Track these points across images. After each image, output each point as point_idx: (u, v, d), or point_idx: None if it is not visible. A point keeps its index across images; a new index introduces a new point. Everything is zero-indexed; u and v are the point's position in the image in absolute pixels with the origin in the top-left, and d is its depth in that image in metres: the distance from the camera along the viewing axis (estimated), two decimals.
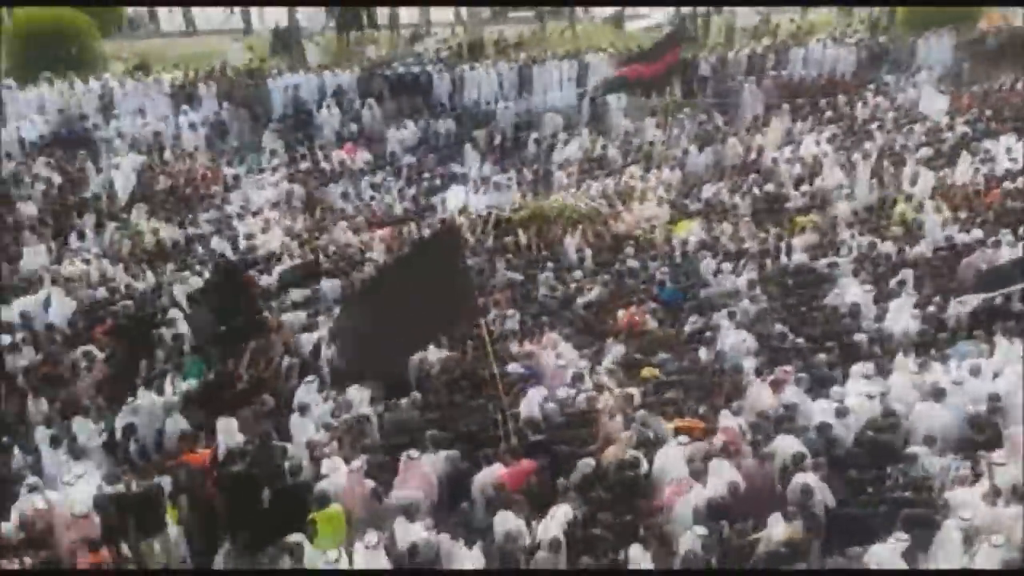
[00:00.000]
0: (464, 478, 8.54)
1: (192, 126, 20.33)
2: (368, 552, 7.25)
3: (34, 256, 13.95)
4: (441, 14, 29.84)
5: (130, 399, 9.87)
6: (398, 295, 9.29)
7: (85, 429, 9.48)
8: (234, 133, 20.99)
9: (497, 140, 20.79)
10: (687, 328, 11.87)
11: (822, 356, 10.57)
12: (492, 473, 8.35)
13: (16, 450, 9.18)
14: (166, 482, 8.31)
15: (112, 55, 25.96)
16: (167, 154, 18.74)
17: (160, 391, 10.13)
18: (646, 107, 21.72)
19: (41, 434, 9.36)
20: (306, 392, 9.91)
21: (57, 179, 17.46)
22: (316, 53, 25.65)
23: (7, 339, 11.14)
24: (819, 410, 9.19)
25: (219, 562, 7.60)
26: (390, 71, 23.92)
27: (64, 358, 10.89)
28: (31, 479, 8.37)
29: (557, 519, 7.63)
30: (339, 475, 8.35)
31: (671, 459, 8.38)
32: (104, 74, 22.90)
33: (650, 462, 8.44)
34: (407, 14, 29.16)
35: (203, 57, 24.94)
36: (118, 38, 28.02)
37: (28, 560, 7.56)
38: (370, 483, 8.19)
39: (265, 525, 7.58)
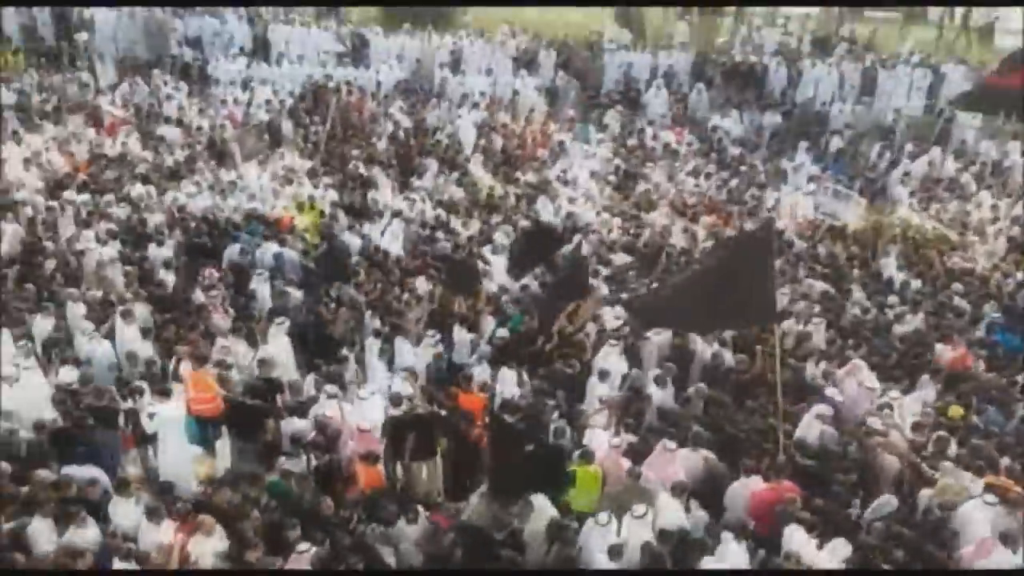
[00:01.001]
0: (715, 482, 8.29)
1: (530, 90, 21.27)
2: (635, 522, 7.35)
3: (383, 190, 15.27)
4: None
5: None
6: (702, 281, 9.25)
7: (405, 351, 10.29)
8: (566, 102, 21.64)
9: (832, 143, 19.69)
10: (1020, 379, 10.55)
11: None
12: (749, 485, 8.04)
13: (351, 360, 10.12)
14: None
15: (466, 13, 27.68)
16: (503, 115, 19.67)
17: (474, 331, 10.76)
18: (1007, 131, 19.50)
19: (370, 344, 10.32)
20: (606, 358, 10.02)
21: (407, 123, 19.00)
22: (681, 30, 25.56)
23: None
24: None
25: (473, 502, 7.95)
26: (726, 57, 23.55)
27: (394, 286, 11.88)
28: (330, 387, 9.10)
29: (838, 552, 7.23)
30: (600, 447, 8.41)
31: (975, 516, 7.59)
32: (459, 31, 24.53)
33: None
34: None
35: (547, 24, 25.93)
36: None
37: (312, 459, 8.33)
38: (627, 461, 8.19)
39: (523, 477, 7.79)
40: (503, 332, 10.53)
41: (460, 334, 10.55)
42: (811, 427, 9.04)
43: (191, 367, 9.25)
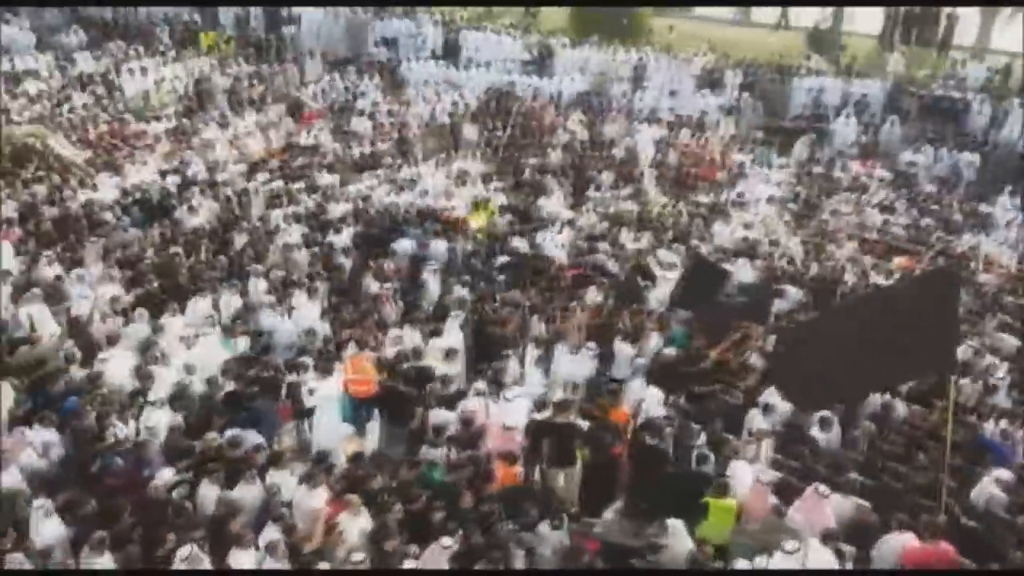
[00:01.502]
0: (863, 532, 7.75)
1: (712, 109, 20.88)
2: (786, 557, 6.97)
3: (553, 198, 15.38)
4: (1003, 40, 26.76)
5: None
6: (876, 325, 8.54)
7: (564, 359, 10.22)
8: (747, 123, 21.08)
9: None
10: None
11: None
12: (902, 540, 7.47)
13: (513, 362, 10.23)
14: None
15: (657, 28, 27.55)
16: (684, 132, 19.39)
17: (634, 343, 10.61)
18: None
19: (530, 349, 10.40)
20: (774, 392, 9.63)
21: (584, 135, 19.07)
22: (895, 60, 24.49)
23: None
24: None
25: (607, 518, 7.79)
26: (925, 91, 22.24)
27: (560, 293, 11.89)
28: (479, 384, 9.24)
29: None
30: (743, 480, 8.09)
31: None
32: (644, 46, 24.43)
33: None
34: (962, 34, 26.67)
35: (732, 45, 25.41)
36: (667, 14, 29.56)
37: (453, 452, 8.40)
38: (774, 499, 7.82)
39: (660, 499, 7.61)
40: (668, 350, 10.33)
41: (621, 348, 10.45)
42: (985, 491, 8.36)
43: (354, 350, 9.66)
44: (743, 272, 12.58)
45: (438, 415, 8.96)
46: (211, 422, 8.56)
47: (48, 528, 7.18)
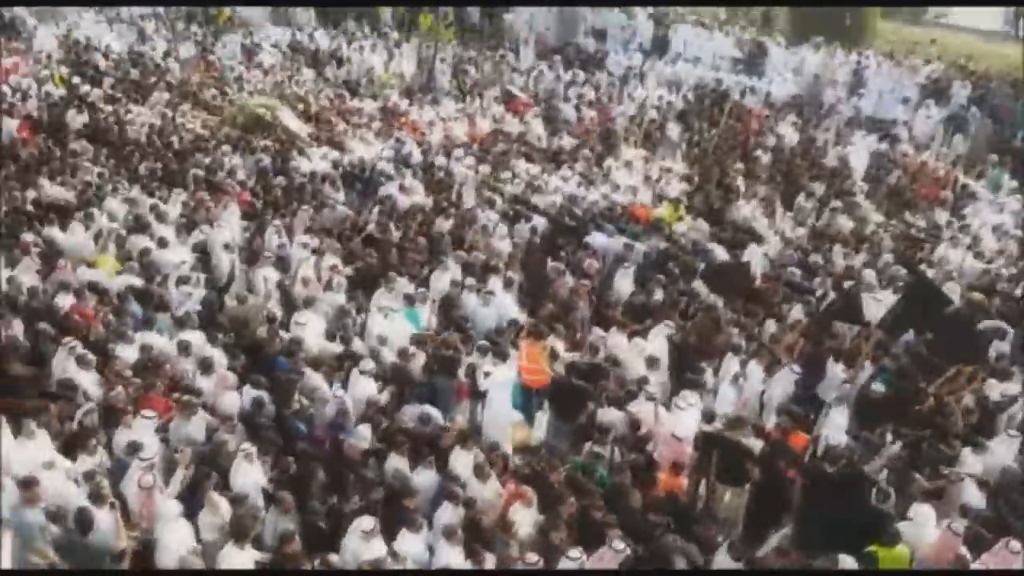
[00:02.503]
0: None
1: (936, 122, 19.49)
2: None
3: (758, 206, 14.84)
4: None
5: None
6: None
7: (756, 377, 9.87)
8: (976, 140, 19.49)
9: None
10: None
11: None
12: None
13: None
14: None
15: (884, 34, 26.02)
16: (905, 145, 18.21)
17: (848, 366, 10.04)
18: None
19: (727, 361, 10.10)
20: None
21: (794, 140, 18.32)
22: None
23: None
24: None
25: (771, 543, 7.47)
26: None
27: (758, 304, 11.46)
28: (649, 388, 9.11)
29: None
30: (927, 524, 7.57)
31: None
32: (865, 51, 23.11)
33: None
34: None
35: (962, 54, 23.62)
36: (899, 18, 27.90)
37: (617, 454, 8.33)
38: (964, 550, 7.26)
39: (831, 532, 7.10)
40: (877, 386, 9.77)
41: (833, 370, 9.97)
42: None
43: (530, 340, 9.72)
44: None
45: (607, 414, 8.92)
46: (403, 395, 8.96)
47: (249, 474, 7.60)
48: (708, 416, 8.79)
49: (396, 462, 7.96)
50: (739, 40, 23.17)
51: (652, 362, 9.73)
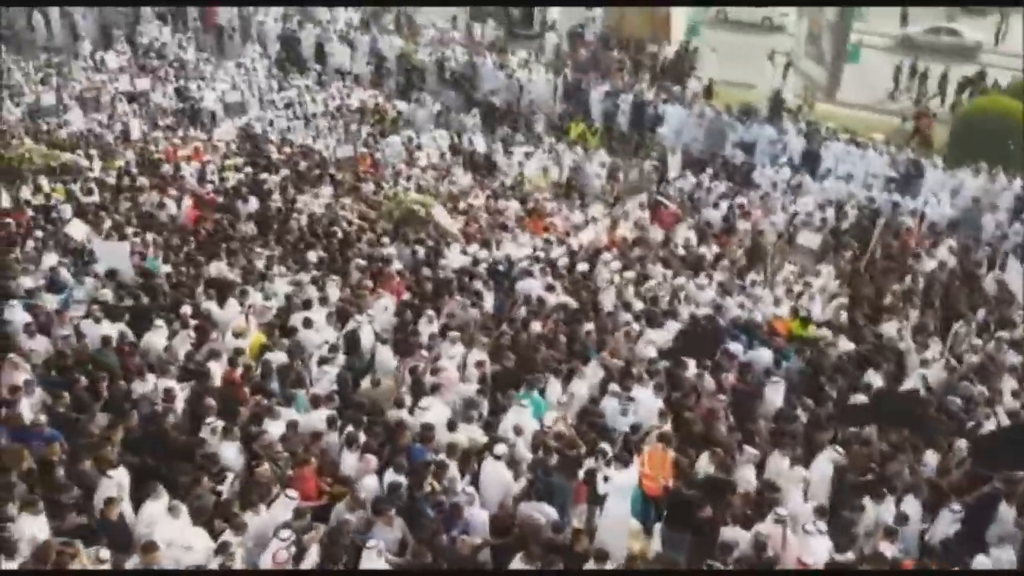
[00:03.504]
0: None
1: None
2: None
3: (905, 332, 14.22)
4: None
5: None
6: None
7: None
8: None
9: None
10: None
11: None
12: None
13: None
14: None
15: None
16: None
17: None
18: None
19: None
20: None
21: (951, 264, 17.62)
22: None
23: None
24: None
25: None
26: None
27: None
28: (780, 510, 8.80)
29: None
30: None
31: None
32: None
33: None
34: None
35: None
36: None
37: None
38: None
39: None
40: None
41: (1006, 512, 9.28)
42: None
43: (655, 446, 9.69)
44: None
45: (730, 532, 8.68)
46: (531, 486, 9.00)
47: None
48: (844, 545, 8.47)
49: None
50: (894, 159, 22.63)
51: (813, 490, 9.33)
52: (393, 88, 28.46)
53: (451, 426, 10.04)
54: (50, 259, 13.71)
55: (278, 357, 11.18)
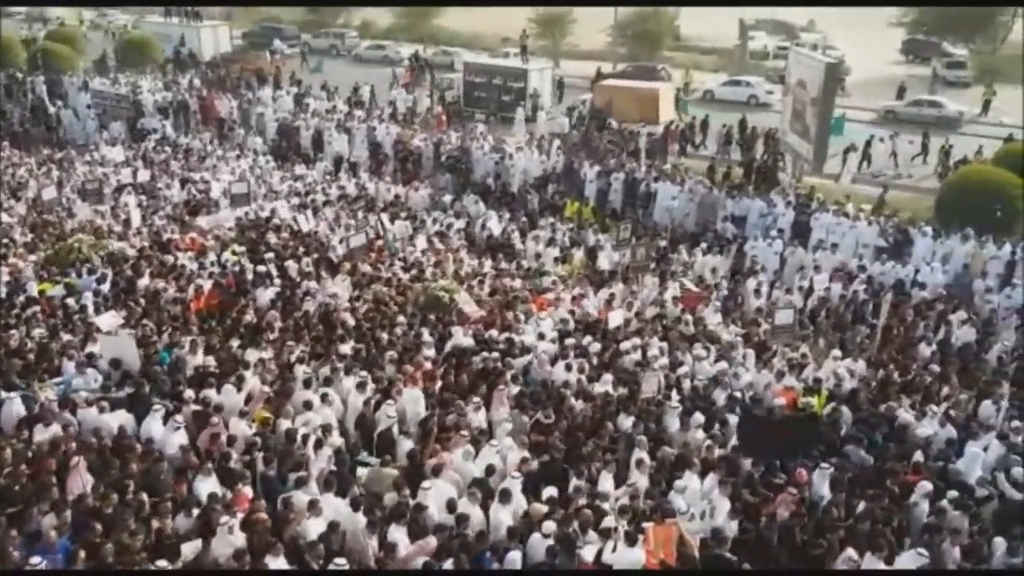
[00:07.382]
0: None
1: None
2: None
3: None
4: None
5: None
6: None
7: None
8: None
9: None
10: None
11: None
12: None
13: None
14: None
15: None
16: None
17: None
18: None
19: None
20: None
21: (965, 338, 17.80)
22: None
23: None
24: None
25: None
26: None
27: None
28: None
29: None
30: None
31: None
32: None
33: None
34: None
35: None
36: None
37: None
38: None
39: None
40: None
41: None
42: None
43: (659, 523, 9.77)
44: None
45: None
46: None
47: None
48: None
49: None
50: (883, 229, 23.04)
51: None
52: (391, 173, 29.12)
53: (451, 506, 10.13)
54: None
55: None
